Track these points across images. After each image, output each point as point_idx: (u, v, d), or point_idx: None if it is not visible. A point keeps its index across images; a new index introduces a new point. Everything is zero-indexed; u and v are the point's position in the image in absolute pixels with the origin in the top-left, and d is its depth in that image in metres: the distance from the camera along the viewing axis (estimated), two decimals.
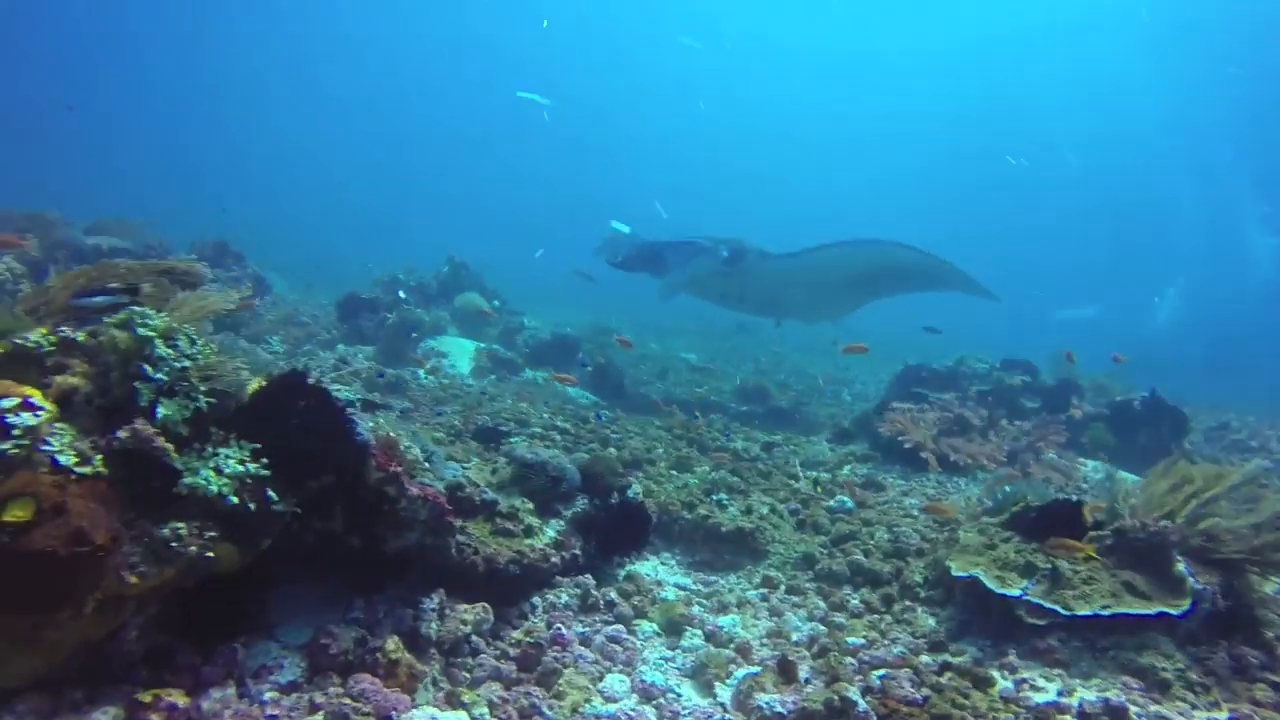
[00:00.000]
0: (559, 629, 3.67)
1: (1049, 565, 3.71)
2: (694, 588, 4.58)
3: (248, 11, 49.48)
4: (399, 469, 3.04)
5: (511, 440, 7.08)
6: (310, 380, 2.83)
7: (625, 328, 19.91)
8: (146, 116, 52.20)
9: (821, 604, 4.41)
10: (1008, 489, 4.63)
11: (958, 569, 3.89)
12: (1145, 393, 9.02)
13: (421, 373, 10.63)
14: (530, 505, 4.23)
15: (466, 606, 3.57)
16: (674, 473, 6.76)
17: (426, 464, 3.48)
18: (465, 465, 4.64)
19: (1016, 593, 3.65)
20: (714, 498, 5.22)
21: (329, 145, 58.10)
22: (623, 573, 4.51)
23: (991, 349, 13.47)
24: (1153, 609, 3.38)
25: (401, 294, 12.08)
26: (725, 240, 9.83)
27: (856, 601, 4.43)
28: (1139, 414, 8.73)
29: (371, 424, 3.25)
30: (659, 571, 4.73)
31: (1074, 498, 4.21)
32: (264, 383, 2.81)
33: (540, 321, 14.76)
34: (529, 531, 4.08)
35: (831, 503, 5.83)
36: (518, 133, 56.92)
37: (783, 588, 4.61)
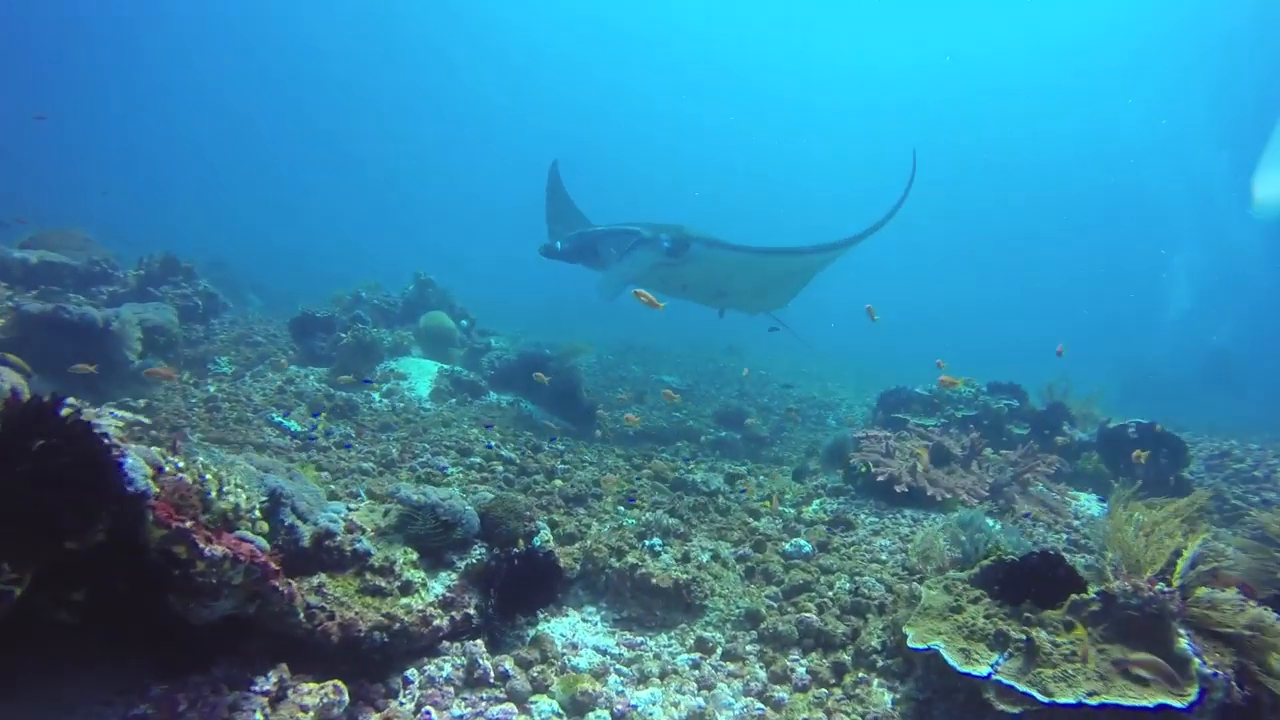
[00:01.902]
0: (428, 713, 3.01)
1: (1024, 636, 3.06)
2: (615, 651, 3.90)
3: (226, 27, 49.55)
4: (191, 524, 2.40)
5: (442, 468, 6.46)
6: (62, 411, 2.20)
7: (607, 347, 19.36)
8: (119, 130, 51.97)
9: (761, 674, 3.74)
10: (976, 534, 3.97)
11: (916, 639, 3.23)
12: (1140, 419, 8.39)
13: (376, 396, 10.02)
14: (413, 556, 3.58)
15: (313, 687, 2.91)
16: (620, 510, 6.13)
17: (256, 512, 2.83)
18: (353, 506, 4.01)
19: (984, 671, 3.00)
20: (647, 543, 4.57)
21: (312, 162, 58.01)
22: (530, 634, 3.85)
23: (982, 370, 12.90)
24: (1151, 699, 2.72)
25: (358, 311, 11.48)
26: (666, 227, 9.03)
27: (803, 671, 3.76)
28: (1134, 442, 8.08)
29: (177, 462, 2.62)
30: (578, 631, 4.06)
31: (1052, 549, 3.56)
32: None
33: (511, 342, 14.18)
34: (406, 588, 3.42)
35: (787, 546, 5.17)
36: (503, 148, 57.33)
37: (719, 652, 3.94)
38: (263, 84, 54.49)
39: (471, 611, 3.60)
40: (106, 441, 2.23)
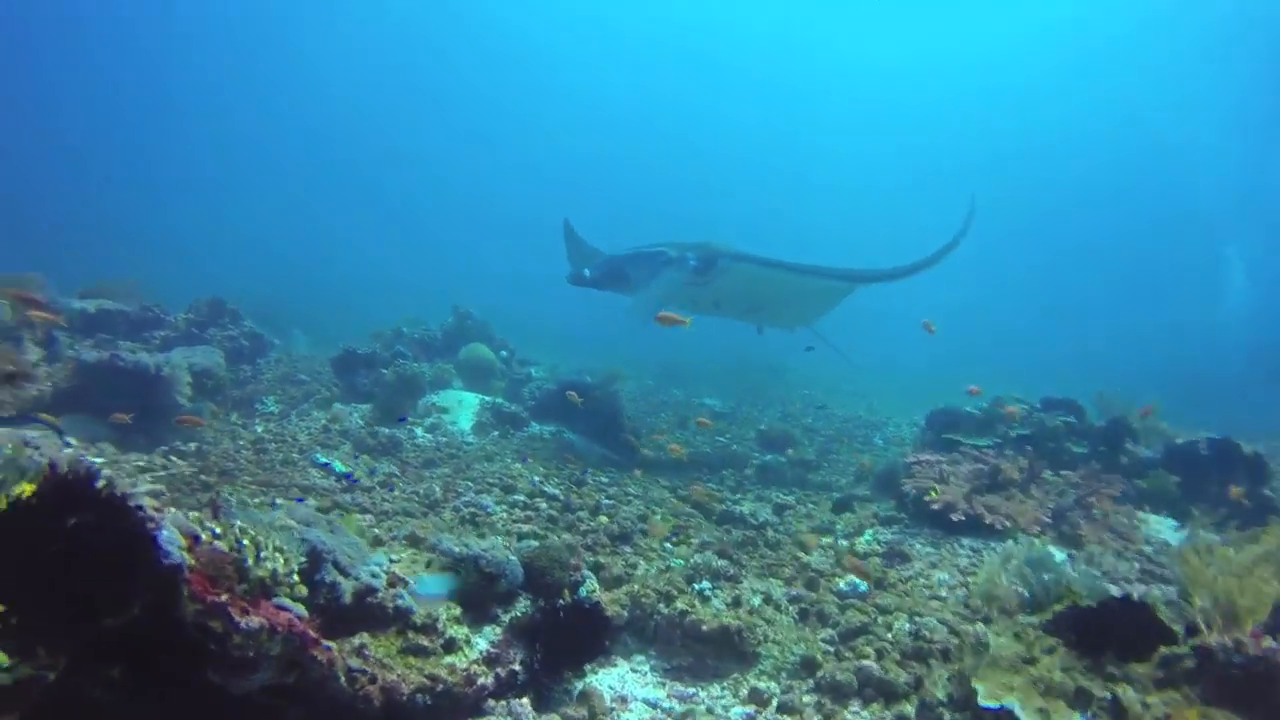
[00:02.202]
0: None
1: (1108, 694, 2.83)
2: (666, 705, 3.75)
3: (248, 53, 51.20)
4: (226, 597, 2.34)
5: (486, 507, 6.40)
6: (98, 485, 2.17)
7: (646, 371, 19.25)
8: (151, 176, 53.87)
9: None
10: (1045, 574, 3.72)
11: (986, 695, 3.02)
12: (1211, 434, 7.94)
13: (419, 431, 10.08)
14: (456, 611, 3.49)
15: None
16: (669, 546, 5.99)
17: (294, 576, 2.77)
18: (395, 558, 3.95)
19: None
20: (696, 586, 4.41)
21: (343, 191, 59.35)
22: (577, 688, 3.72)
23: (1028, 384, 12.45)
24: None
25: (399, 347, 11.59)
26: (692, 245, 8.79)
27: None
28: (1206, 459, 7.65)
29: (215, 528, 2.58)
30: (626, 682, 3.92)
31: (1135, 594, 3.31)
32: (28, 489, 2.17)
33: (551, 371, 14.18)
34: (450, 646, 3.33)
35: (842, 584, 4.96)
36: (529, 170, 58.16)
37: (774, 704, 3.75)
38: (295, 123, 56.14)
39: (517, 667, 3.49)
40: (141, 514, 2.19)
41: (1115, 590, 4.13)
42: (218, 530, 2.55)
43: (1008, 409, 7.41)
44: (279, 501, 6.23)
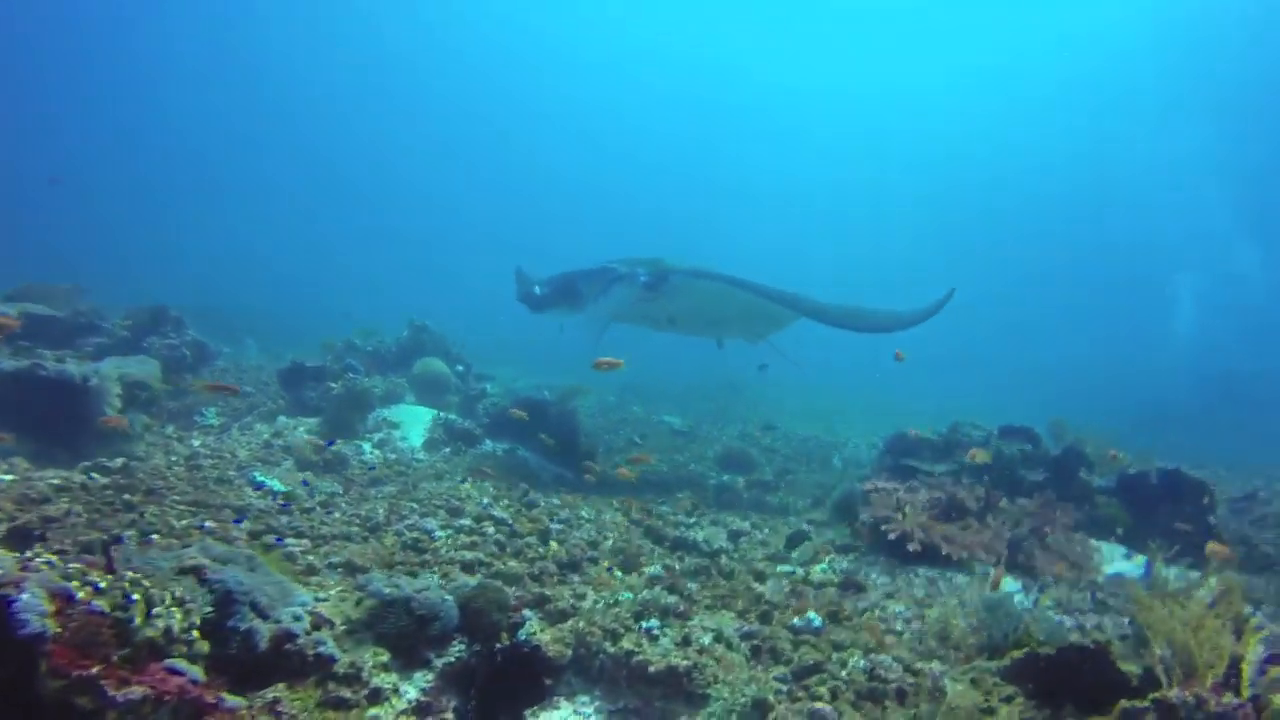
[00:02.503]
0: None
1: None
2: None
3: (231, 49, 50.21)
4: (98, 669, 2.08)
5: (430, 531, 6.11)
6: None
7: (608, 387, 19.05)
8: (125, 160, 52.34)
9: None
10: (1003, 618, 3.62)
11: None
12: (1162, 465, 8.06)
13: (366, 447, 9.74)
14: (384, 658, 3.24)
15: None
16: (619, 575, 5.78)
17: (193, 633, 2.50)
18: (321, 596, 3.68)
19: None
20: (644, 625, 4.22)
21: (314, 189, 58.47)
22: None
23: (985, 408, 12.59)
24: None
25: (350, 360, 11.20)
26: (644, 262, 8.68)
27: None
28: (1156, 489, 7.74)
29: (97, 583, 2.30)
30: None
31: (1091, 642, 3.21)
32: None
33: (507, 386, 13.91)
34: (375, 697, 3.08)
35: (796, 620, 4.81)
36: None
37: None
38: (267, 108, 55.15)
39: (449, 716, 3.26)
40: None
41: (1074, 635, 4.06)
42: (101, 585, 2.28)
43: (972, 453, 7.38)
44: (208, 524, 5.88)
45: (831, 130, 58.82)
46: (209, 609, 2.70)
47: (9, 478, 6.30)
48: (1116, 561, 6.90)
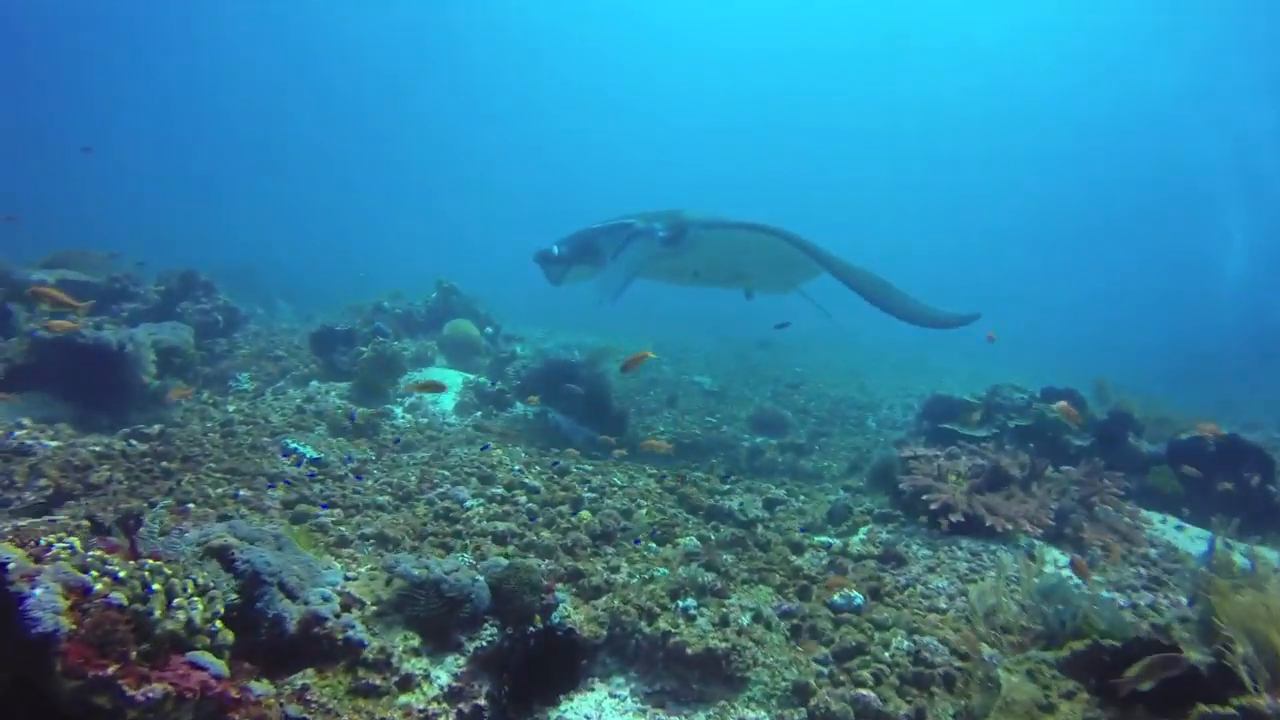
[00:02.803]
0: None
1: None
2: None
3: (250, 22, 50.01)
4: (114, 668, 2.00)
5: (461, 500, 6.06)
6: None
7: (637, 345, 18.89)
8: (155, 134, 52.79)
9: None
10: (1060, 605, 3.42)
11: None
12: (1216, 425, 7.69)
13: (398, 411, 9.73)
14: (415, 642, 3.17)
15: None
16: (653, 547, 5.68)
17: (216, 623, 2.43)
18: (351, 574, 3.61)
19: None
20: (680, 604, 4.10)
21: (349, 158, 58.60)
22: (551, 719, 3.41)
23: (1024, 374, 12.16)
24: None
25: (379, 324, 11.15)
26: (660, 214, 8.28)
27: None
28: (1213, 457, 7.39)
29: (116, 572, 2.22)
30: (604, 711, 3.61)
31: (1162, 637, 3.00)
32: None
33: (536, 347, 13.79)
34: (406, 683, 3.01)
35: (837, 598, 4.67)
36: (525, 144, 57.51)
37: None
38: (299, 79, 55.09)
39: (482, 702, 3.18)
40: (6, 574, 1.83)
41: (1128, 615, 3.85)
42: (121, 574, 2.19)
43: (972, 416, 7.08)
44: (242, 493, 5.89)
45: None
46: (234, 595, 2.62)
47: (54, 444, 6.38)
48: (1170, 534, 6.62)
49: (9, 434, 6.37)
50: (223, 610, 2.48)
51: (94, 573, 2.16)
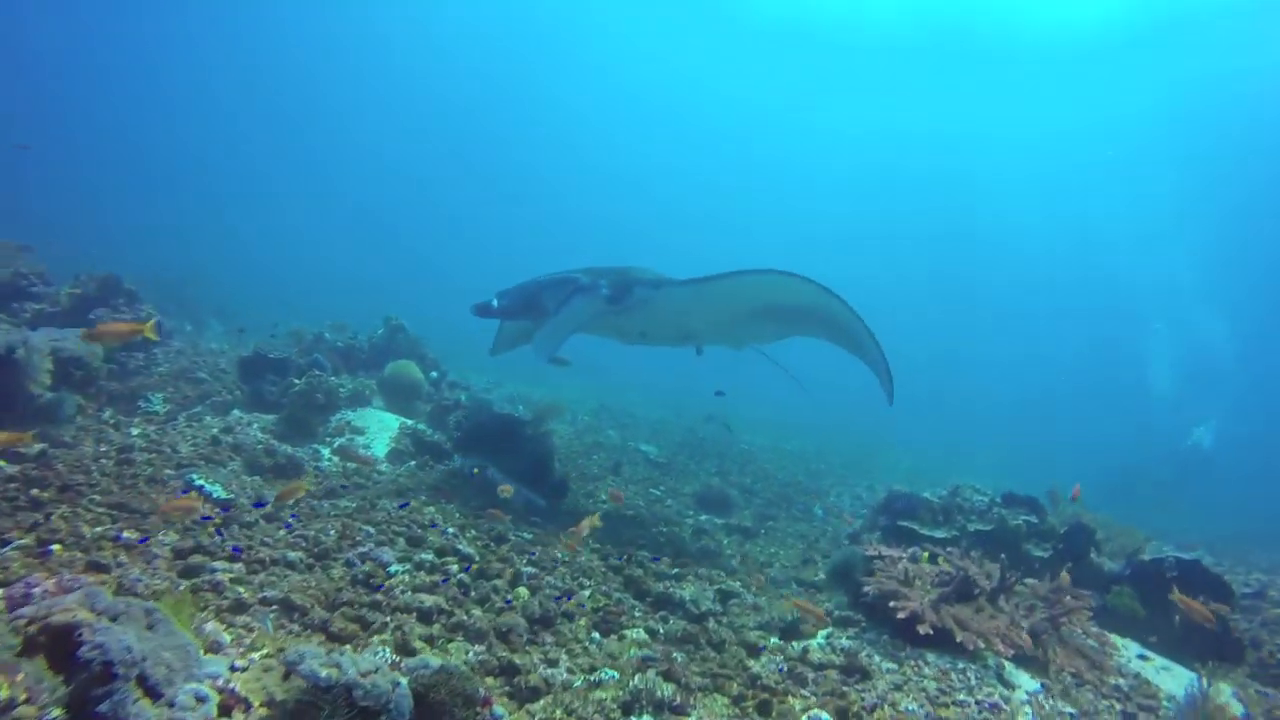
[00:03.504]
0: None
1: None
2: None
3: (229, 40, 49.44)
4: None
5: (386, 564, 5.34)
6: None
7: (583, 406, 18.30)
8: (117, 137, 51.05)
9: None
10: None
11: None
12: (1179, 553, 7.56)
13: (325, 452, 8.94)
14: None
15: None
16: (595, 637, 5.07)
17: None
18: (239, 664, 2.93)
19: None
20: None
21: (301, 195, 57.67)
22: None
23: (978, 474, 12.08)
24: None
25: (317, 355, 10.37)
26: (608, 272, 7.91)
27: None
28: (1174, 581, 7.22)
29: None
30: None
31: None
32: None
33: (479, 400, 13.11)
34: None
35: (804, 719, 4.14)
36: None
37: None
38: (261, 95, 54.30)
39: None
40: None
41: None
42: None
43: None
44: (125, 535, 5.06)
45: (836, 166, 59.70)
46: (56, 711, 1.97)
47: None
48: (1134, 662, 6.33)
49: None
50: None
51: None
